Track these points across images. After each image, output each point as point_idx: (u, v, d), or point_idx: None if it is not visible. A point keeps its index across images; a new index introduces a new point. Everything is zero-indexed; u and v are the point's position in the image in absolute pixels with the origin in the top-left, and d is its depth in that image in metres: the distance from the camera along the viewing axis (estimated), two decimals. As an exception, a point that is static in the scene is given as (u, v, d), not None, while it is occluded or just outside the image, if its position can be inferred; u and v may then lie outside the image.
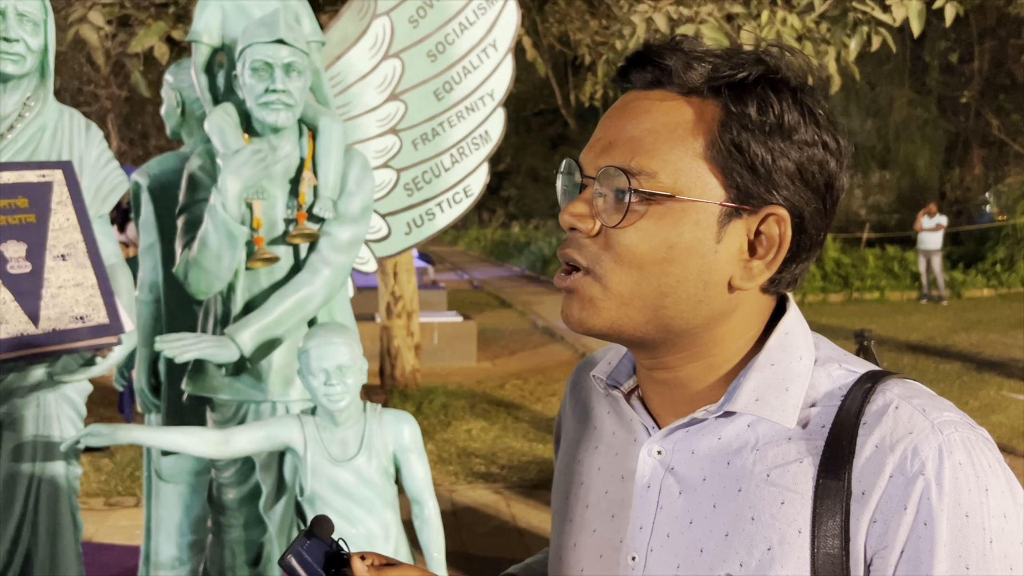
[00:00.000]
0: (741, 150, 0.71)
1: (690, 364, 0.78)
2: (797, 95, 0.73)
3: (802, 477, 0.71)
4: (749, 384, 0.75)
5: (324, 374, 1.91)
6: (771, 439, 0.74)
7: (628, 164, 0.73)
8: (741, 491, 0.73)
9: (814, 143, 0.73)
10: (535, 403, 6.86)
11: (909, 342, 9.37)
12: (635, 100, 0.76)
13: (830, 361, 0.77)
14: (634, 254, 0.73)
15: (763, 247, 0.74)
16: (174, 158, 2.62)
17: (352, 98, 2.64)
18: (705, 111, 0.73)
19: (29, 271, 1.86)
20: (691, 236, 0.72)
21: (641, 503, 0.78)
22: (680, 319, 0.74)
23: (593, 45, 7.29)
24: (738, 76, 0.72)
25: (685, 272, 0.73)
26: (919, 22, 4.18)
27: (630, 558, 0.78)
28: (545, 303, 13.16)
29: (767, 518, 0.71)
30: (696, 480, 0.76)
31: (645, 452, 0.79)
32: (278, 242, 2.20)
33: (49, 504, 2.12)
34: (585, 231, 0.75)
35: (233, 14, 2.26)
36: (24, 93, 2.05)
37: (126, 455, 5.28)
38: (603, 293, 0.74)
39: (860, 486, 0.69)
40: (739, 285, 0.74)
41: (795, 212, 0.73)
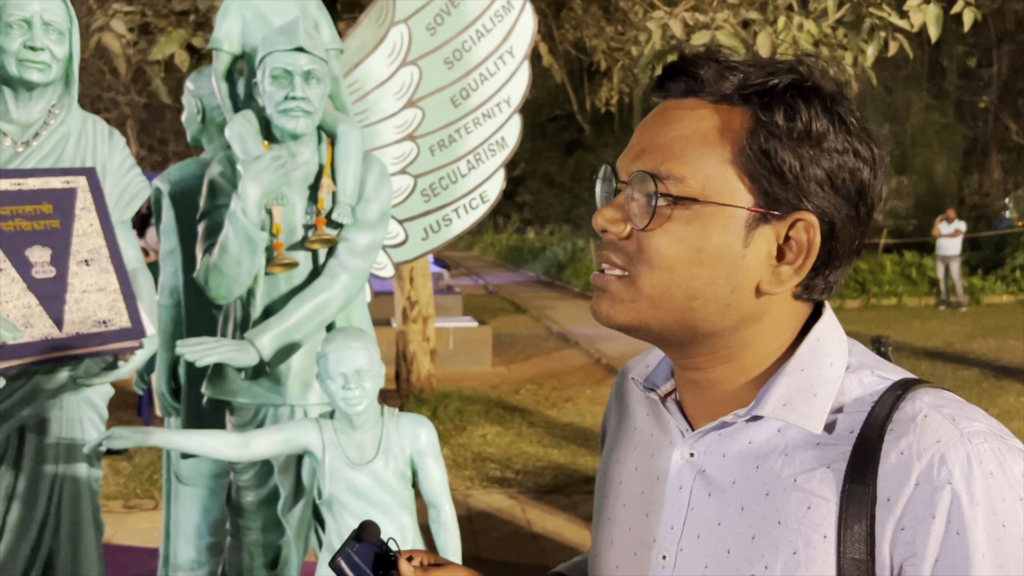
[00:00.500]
0: (769, 157, 0.73)
1: (721, 366, 0.79)
2: (828, 103, 0.74)
3: (828, 482, 0.72)
4: (778, 389, 0.76)
5: (342, 378, 1.93)
6: (799, 444, 0.75)
7: (657, 169, 0.75)
8: (768, 495, 0.74)
9: (845, 151, 0.74)
10: (550, 408, 6.86)
11: (927, 348, 9.30)
12: (669, 108, 0.78)
13: (863, 367, 0.77)
14: (663, 257, 0.74)
15: (792, 252, 0.75)
16: (195, 164, 2.65)
17: (370, 105, 2.67)
18: (734, 118, 0.74)
19: (54, 276, 1.89)
20: (719, 240, 0.74)
21: (673, 504, 0.80)
22: (708, 321, 0.76)
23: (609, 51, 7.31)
24: (768, 84, 0.74)
25: (713, 275, 0.74)
26: (936, 28, 4.17)
27: (661, 557, 0.80)
28: (560, 308, 13.16)
29: (793, 522, 0.72)
30: (726, 483, 0.77)
31: (678, 454, 0.81)
32: (297, 247, 2.22)
33: (71, 505, 2.15)
34: (616, 234, 0.77)
35: (253, 22, 2.29)
36: (49, 101, 2.08)
37: (145, 458, 5.33)
38: (635, 294, 0.76)
39: (885, 492, 0.69)
40: (767, 290, 0.75)
41: (825, 219, 0.74)
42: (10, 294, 1.82)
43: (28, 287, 1.85)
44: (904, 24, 4.28)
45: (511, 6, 2.76)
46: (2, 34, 1.96)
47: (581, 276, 16.42)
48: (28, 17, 1.96)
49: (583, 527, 4.30)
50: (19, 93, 2.03)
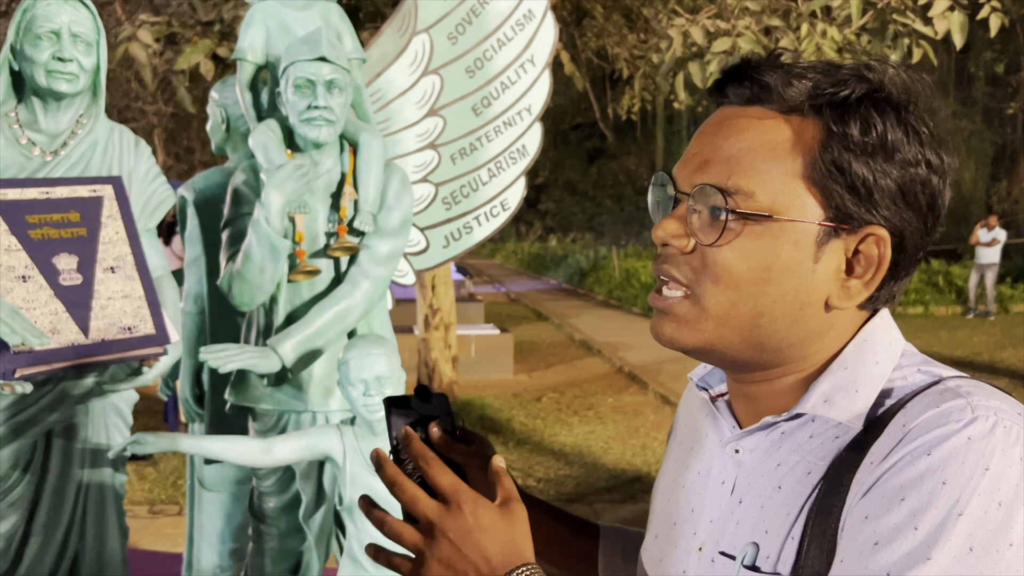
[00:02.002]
0: (842, 170, 0.71)
1: (780, 379, 0.78)
2: (901, 113, 0.72)
3: (830, 449, 0.72)
4: (821, 388, 0.75)
5: (363, 385, 1.94)
6: (825, 430, 0.74)
7: (725, 183, 0.72)
8: (779, 466, 0.75)
9: (917, 162, 0.72)
10: (572, 416, 6.84)
11: (954, 357, 9.19)
12: (732, 117, 0.75)
13: (911, 366, 0.76)
14: (731, 274, 0.73)
15: (861, 266, 0.73)
16: (219, 173, 2.68)
17: (392, 114, 2.69)
18: (805, 130, 0.72)
19: (80, 283, 1.92)
20: (788, 256, 0.72)
21: (714, 497, 0.80)
22: (775, 338, 0.75)
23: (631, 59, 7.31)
24: (840, 94, 0.71)
25: (782, 292, 0.73)
26: (961, 35, 4.13)
27: (698, 548, 0.80)
28: (582, 316, 13.14)
29: (792, 485, 0.73)
30: (756, 471, 0.78)
31: (724, 451, 0.81)
32: (319, 255, 2.24)
33: (97, 509, 2.18)
34: (679, 248, 0.75)
35: (277, 33, 2.32)
36: (77, 111, 2.11)
37: (169, 464, 5.38)
38: (700, 314, 0.75)
39: (872, 457, 0.68)
40: (836, 304, 0.74)
41: (895, 231, 0.72)
42: (38, 301, 1.85)
43: (55, 294, 1.88)
44: (928, 31, 4.24)
45: (532, 15, 2.77)
46: (31, 45, 1.99)
47: (603, 284, 16.38)
48: (57, 29, 1.99)
49: (604, 536, 4.28)
50: (48, 103, 2.06)
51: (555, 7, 2.81)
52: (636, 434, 6.27)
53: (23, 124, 2.07)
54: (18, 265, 1.86)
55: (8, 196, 1.91)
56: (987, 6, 4.50)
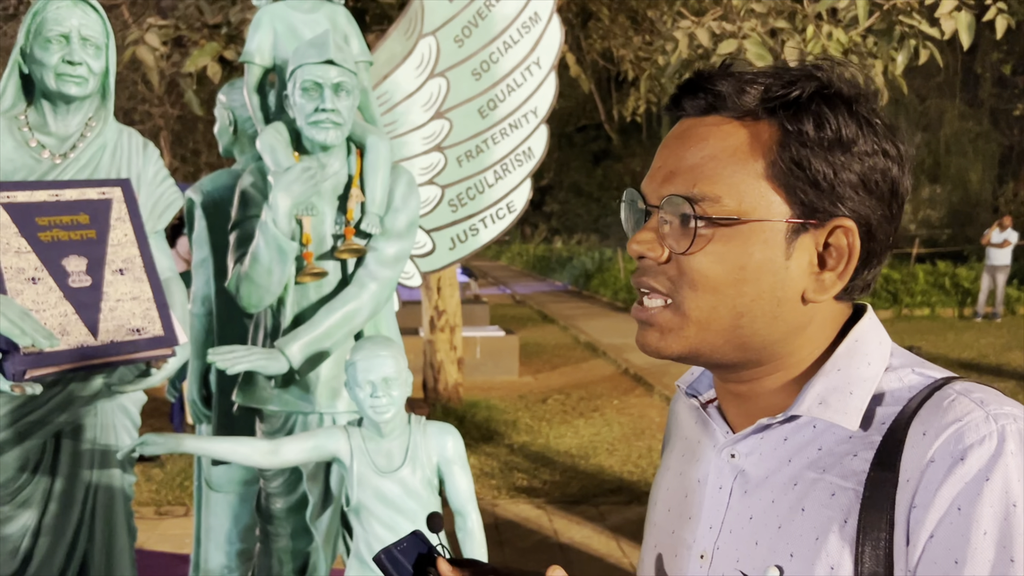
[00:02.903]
0: (802, 167, 0.73)
1: (767, 377, 0.80)
2: (852, 107, 0.74)
3: (855, 470, 0.72)
4: (815, 389, 0.76)
5: (370, 386, 1.95)
6: (832, 438, 0.75)
7: (691, 191, 0.74)
8: (796, 485, 0.75)
9: (874, 152, 0.74)
10: (577, 418, 6.84)
11: (961, 360, 9.16)
12: (692, 127, 0.77)
13: (903, 367, 0.77)
14: (707, 278, 0.74)
15: (833, 259, 0.75)
16: (226, 175, 2.69)
17: (399, 116, 2.70)
18: (761, 132, 0.74)
19: (89, 285, 1.93)
20: (761, 255, 0.74)
21: (712, 504, 0.81)
22: (757, 336, 0.76)
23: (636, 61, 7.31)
24: (792, 95, 0.74)
25: (759, 291, 0.74)
26: (968, 35, 4.12)
27: (699, 556, 0.81)
28: (587, 318, 13.13)
29: (817, 508, 0.73)
30: (760, 479, 0.78)
31: (719, 456, 0.82)
32: (326, 257, 2.25)
33: (105, 510, 2.19)
34: (655, 259, 0.77)
35: (284, 36, 2.33)
36: (86, 114, 2.13)
37: (176, 465, 5.39)
38: (682, 321, 0.76)
39: (905, 475, 0.69)
40: (812, 298, 0.76)
41: (862, 221, 0.75)
42: (47, 302, 1.86)
43: (65, 296, 1.89)
44: (935, 32, 4.23)
45: (538, 17, 2.78)
46: (41, 49, 2.01)
47: (609, 286, 16.38)
48: (66, 32, 2.00)
49: (610, 538, 4.28)
50: (57, 106, 2.07)
51: (560, 9, 2.82)
52: (642, 436, 6.27)
53: (33, 127, 2.08)
54: (28, 267, 1.87)
55: (18, 199, 1.92)
56: (994, 7, 4.49)
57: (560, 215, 27.95)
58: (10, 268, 1.85)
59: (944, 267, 14.29)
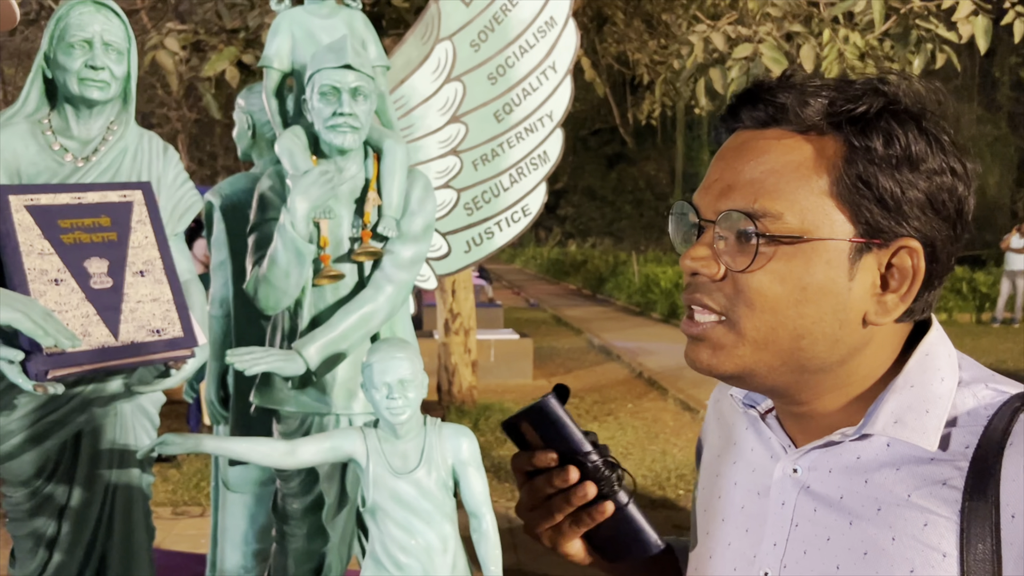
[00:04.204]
0: (869, 185, 0.70)
1: (826, 396, 0.77)
2: (921, 123, 0.71)
3: (946, 499, 0.69)
4: (888, 406, 0.73)
5: (386, 388, 1.96)
6: (911, 459, 0.72)
7: (752, 207, 0.71)
8: (880, 511, 0.72)
9: (942, 171, 0.71)
10: (591, 422, 6.84)
11: (978, 365, 9.08)
12: (751, 140, 0.75)
13: (976, 382, 0.74)
14: (766, 298, 0.72)
15: (895, 280, 0.72)
16: (245, 179, 2.72)
17: (415, 120, 2.72)
18: (826, 147, 0.72)
19: (110, 286, 1.96)
20: (823, 275, 0.71)
21: (775, 520, 0.78)
22: (817, 359, 0.74)
23: (651, 64, 7.31)
24: (858, 109, 0.71)
25: (820, 312, 0.72)
26: (985, 39, 4.11)
27: (763, 573, 0.78)
28: (601, 321, 13.12)
29: (908, 539, 0.70)
30: (833, 498, 0.75)
31: (780, 470, 0.79)
32: (343, 260, 2.27)
33: (124, 509, 2.21)
34: (709, 276, 0.74)
35: (303, 40, 2.35)
36: (108, 118, 2.15)
37: (192, 466, 5.43)
38: (737, 340, 0.74)
39: (1010, 509, 0.67)
40: (874, 320, 0.73)
41: (927, 242, 0.72)
42: (69, 304, 1.89)
43: (86, 297, 1.92)
44: (952, 36, 4.22)
45: (554, 22, 2.79)
46: (64, 54, 2.04)
47: (623, 289, 16.36)
48: (89, 38, 2.03)
49: (624, 541, 4.27)
50: (80, 111, 2.10)
51: (576, 13, 2.83)
52: (656, 440, 6.26)
53: (56, 131, 2.11)
54: (51, 269, 1.90)
55: (41, 201, 1.95)
56: (1012, 11, 4.47)
57: (574, 218, 27.96)
58: (33, 269, 1.88)
59: (962, 272, 14.18)
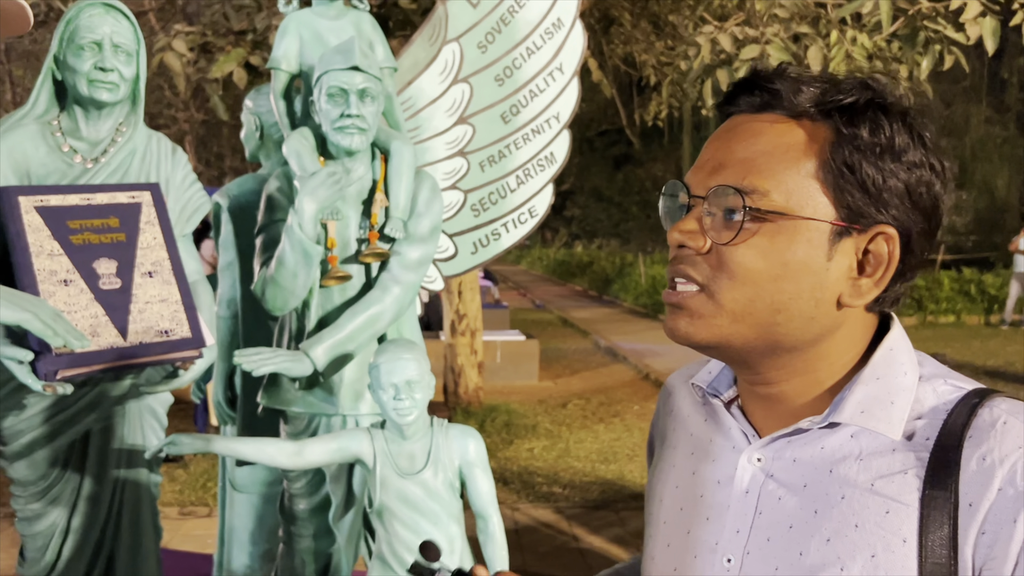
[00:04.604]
0: (853, 170, 0.74)
1: (795, 379, 0.80)
2: (906, 118, 0.76)
3: (907, 488, 0.73)
4: (855, 396, 0.77)
5: (393, 388, 1.97)
6: (875, 450, 0.76)
7: (741, 183, 0.75)
8: (844, 498, 0.75)
9: (922, 164, 0.75)
10: (597, 423, 6.83)
11: (987, 368, 9.05)
12: (745, 123, 0.79)
13: (935, 377, 0.78)
14: (748, 271, 0.75)
15: (871, 266, 0.76)
16: (253, 180, 2.73)
17: (422, 122, 2.72)
18: (817, 133, 0.76)
19: (119, 287, 1.97)
20: (804, 254, 0.75)
21: (739, 507, 0.81)
22: (791, 336, 0.77)
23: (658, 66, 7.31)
24: (848, 100, 0.75)
25: (798, 289, 0.75)
26: (993, 40, 4.09)
27: (725, 560, 0.80)
28: (608, 323, 13.11)
29: (871, 526, 0.73)
30: (797, 486, 0.78)
31: (745, 459, 0.81)
32: (351, 261, 2.27)
33: (132, 509, 2.22)
34: (695, 248, 0.77)
35: (310, 42, 2.36)
36: (117, 119, 2.16)
37: (199, 466, 5.45)
38: (715, 309, 0.77)
39: (967, 498, 0.70)
40: (848, 302, 0.76)
41: (903, 231, 0.76)
42: (79, 304, 1.90)
43: (95, 298, 1.93)
44: (960, 37, 4.20)
45: (561, 24, 2.79)
46: (74, 56, 2.05)
47: (629, 291, 16.34)
48: (99, 40, 2.04)
49: (630, 543, 4.28)
50: (89, 112, 2.11)
51: (583, 15, 2.83)
52: (662, 441, 6.25)
53: (65, 132, 2.12)
54: (60, 269, 1.91)
55: (51, 202, 1.96)
56: (1020, 12, 4.45)
57: (581, 220, 27.94)
58: (43, 270, 1.89)
59: (970, 274, 14.12)
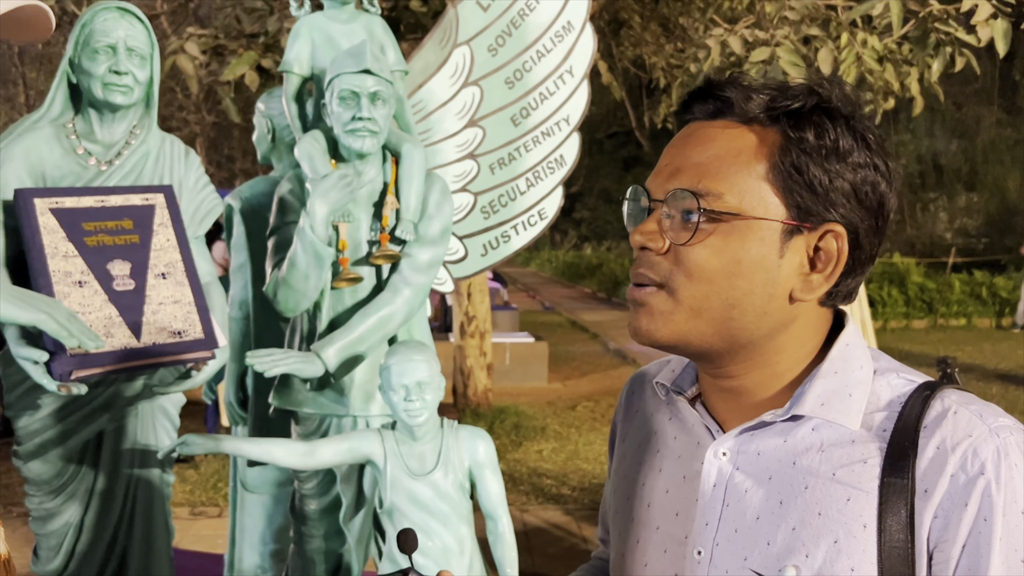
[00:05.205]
0: (800, 172, 0.78)
1: (754, 372, 0.83)
2: (850, 122, 0.80)
3: (866, 476, 0.77)
4: (815, 390, 0.81)
5: (404, 390, 1.98)
6: (835, 441, 0.80)
7: (696, 186, 0.79)
8: (808, 488, 0.79)
9: (867, 165, 0.79)
10: (606, 425, 6.83)
11: (997, 371, 9.00)
12: (699, 129, 0.83)
13: (889, 371, 0.83)
14: (703, 269, 0.79)
15: (822, 262, 0.80)
16: (264, 182, 2.75)
17: (433, 124, 2.73)
18: (766, 137, 0.80)
19: (133, 288, 1.98)
20: (756, 252, 0.78)
21: (707, 501, 0.84)
22: (746, 330, 0.80)
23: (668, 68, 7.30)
24: (794, 105, 0.79)
25: (751, 285, 0.79)
26: (1005, 42, 4.08)
27: (696, 552, 0.83)
28: (617, 325, 13.09)
29: (834, 513, 0.77)
30: (762, 479, 0.81)
31: (711, 453, 0.84)
32: (362, 263, 2.29)
33: (144, 508, 2.24)
34: (656, 249, 0.81)
35: (322, 45, 2.37)
36: (131, 122, 2.19)
37: (210, 467, 5.47)
38: (674, 306, 0.80)
39: (923, 484, 0.75)
40: (799, 297, 0.80)
41: (851, 229, 0.80)
42: (93, 305, 1.92)
43: (109, 299, 1.95)
44: (971, 39, 4.19)
45: (571, 26, 2.80)
46: (89, 59, 2.07)
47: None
48: (113, 43, 2.07)
49: (639, 545, 4.27)
50: (103, 115, 2.14)
51: (593, 17, 2.84)
52: (671, 444, 6.24)
53: (80, 135, 2.14)
54: (75, 271, 1.93)
55: (66, 204, 1.99)
56: (1032, 14, 4.44)
57: (590, 222, 27.93)
58: (58, 271, 1.91)
59: (981, 276, 14.05)
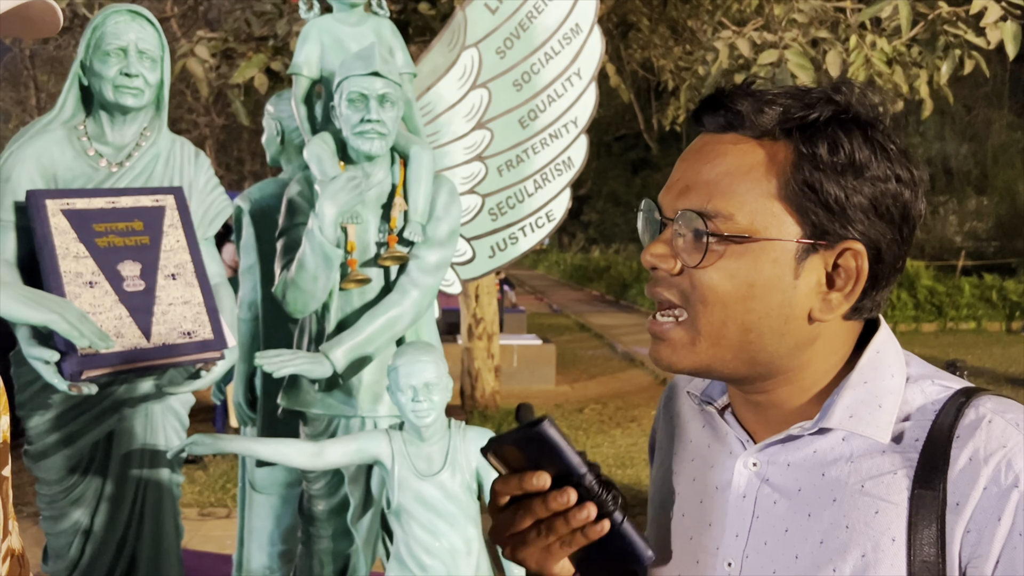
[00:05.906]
0: (814, 189, 0.74)
1: (780, 388, 0.81)
2: (868, 132, 0.75)
3: (896, 488, 0.74)
4: (843, 402, 0.77)
5: (412, 391, 1.99)
6: (865, 452, 0.77)
7: (705, 207, 0.76)
8: (836, 501, 0.76)
9: (887, 178, 0.75)
10: (614, 428, 6.83)
11: (1008, 375, 8.96)
12: (710, 143, 0.79)
13: (923, 378, 0.79)
14: (717, 293, 0.76)
15: (841, 279, 0.76)
16: (274, 184, 2.76)
17: (441, 127, 2.74)
18: (777, 153, 0.76)
19: (143, 289, 2.00)
20: (770, 273, 0.75)
21: (737, 512, 0.82)
22: (765, 352, 0.78)
23: (676, 70, 7.30)
24: (809, 117, 0.75)
25: (767, 308, 0.76)
26: (1014, 45, 4.06)
27: (726, 564, 0.82)
28: (624, 327, 13.08)
29: (861, 526, 0.74)
30: (791, 491, 0.79)
31: (741, 464, 0.82)
32: (370, 264, 2.30)
33: (154, 508, 2.25)
34: (667, 270, 0.79)
35: (331, 48, 2.38)
36: (141, 124, 2.20)
37: (218, 468, 5.49)
38: (694, 337, 0.78)
39: (955, 497, 0.71)
40: (819, 317, 0.77)
41: (871, 245, 0.76)
42: (103, 306, 1.93)
43: (120, 299, 1.96)
44: (980, 42, 4.18)
45: (579, 29, 2.80)
46: (100, 62, 2.08)
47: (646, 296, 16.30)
48: (124, 46, 2.08)
49: (646, 548, 4.27)
50: (114, 117, 2.15)
51: (601, 20, 2.85)
52: (679, 446, 6.23)
53: (91, 137, 2.16)
54: (85, 271, 1.95)
55: (77, 205, 2.00)
56: (1042, 16, 4.42)
57: (598, 224, 27.92)
58: (69, 272, 1.92)
59: (991, 280, 13.99)
